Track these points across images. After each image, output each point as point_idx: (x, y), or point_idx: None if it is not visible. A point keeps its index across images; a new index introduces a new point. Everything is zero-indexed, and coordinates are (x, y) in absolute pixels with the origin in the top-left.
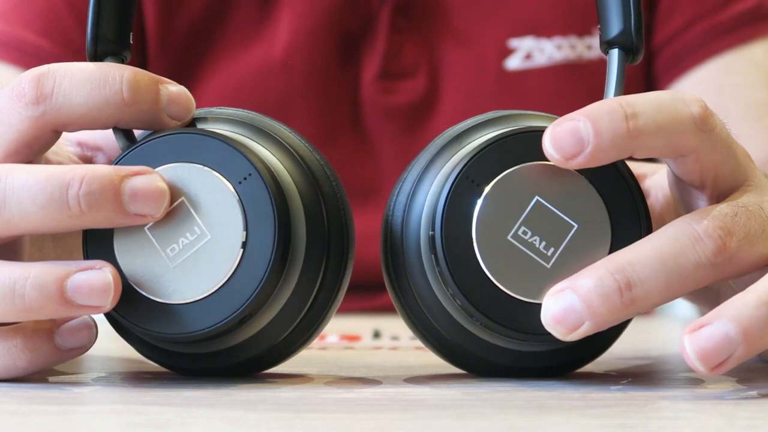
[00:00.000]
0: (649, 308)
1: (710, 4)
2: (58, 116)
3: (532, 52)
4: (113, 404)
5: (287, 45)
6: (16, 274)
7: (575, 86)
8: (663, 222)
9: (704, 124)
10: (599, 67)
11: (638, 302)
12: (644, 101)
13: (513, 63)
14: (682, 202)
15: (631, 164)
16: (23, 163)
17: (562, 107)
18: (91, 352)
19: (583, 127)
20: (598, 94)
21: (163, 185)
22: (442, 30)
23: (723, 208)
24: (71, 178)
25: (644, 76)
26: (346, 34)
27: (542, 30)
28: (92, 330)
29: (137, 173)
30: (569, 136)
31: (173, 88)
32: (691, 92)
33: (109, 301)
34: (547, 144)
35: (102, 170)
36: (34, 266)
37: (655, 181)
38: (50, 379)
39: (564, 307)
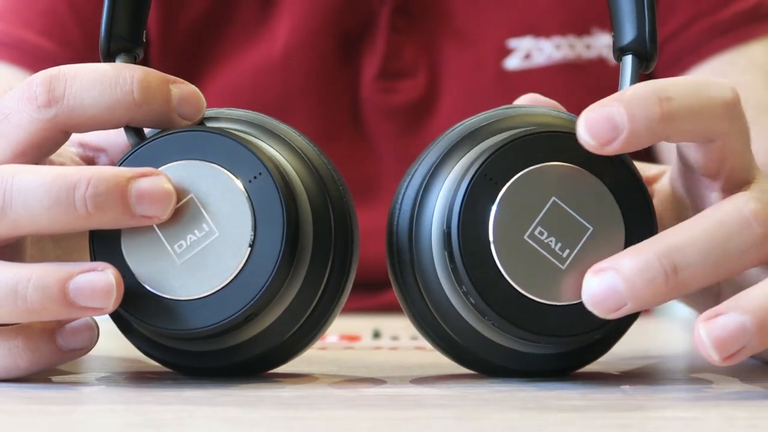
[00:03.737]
0: (693, 291)
1: (709, 3)
2: (70, 118)
3: (531, 51)
4: (112, 404)
5: (287, 44)
6: (18, 275)
7: (574, 86)
8: (660, 223)
9: (734, 110)
10: (598, 67)
11: (682, 286)
12: (678, 85)
13: (512, 63)
14: (687, 195)
15: (644, 166)
16: (30, 165)
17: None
18: (91, 352)
19: (617, 112)
20: (597, 94)
21: (170, 187)
22: (442, 30)
23: (759, 194)
24: (78, 179)
25: (644, 76)
26: (346, 33)
27: (541, 30)
28: (94, 331)
29: (143, 175)
30: (604, 122)
31: (184, 88)
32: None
33: (112, 303)
34: (582, 130)
35: (108, 172)
36: (36, 267)
37: (661, 184)
38: (49, 379)
39: (606, 287)
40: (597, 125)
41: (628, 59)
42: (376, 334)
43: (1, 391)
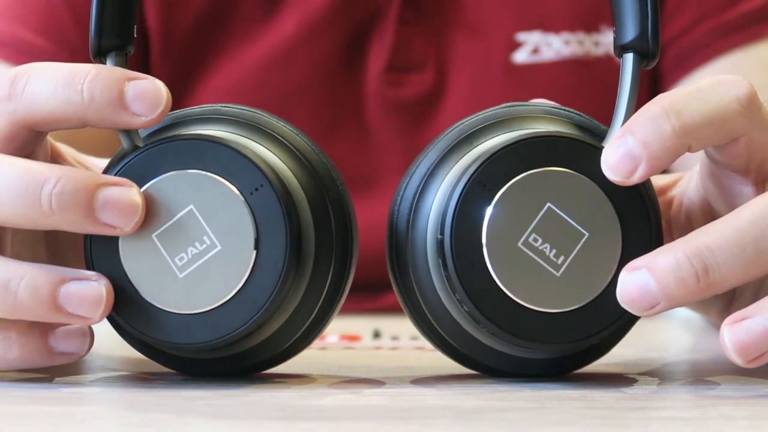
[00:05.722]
0: (725, 290)
1: (716, 3)
2: (27, 114)
3: (539, 46)
4: (113, 404)
5: (291, 39)
6: (11, 271)
7: (582, 82)
8: (690, 227)
9: (751, 104)
10: (606, 64)
11: (715, 286)
12: (686, 95)
13: (520, 57)
14: (720, 194)
15: (654, 177)
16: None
17: (568, 102)
18: (92, 351)
19: (631, 143)
20: (604, 91)
21: (139, 200)
22: (451, 23)
23: None
24: (49, 175)
25: (649, 75)
26: (353, 26)
27: (550, 25)
28: (86, 338)
29: (115, 184)
30: (621, 156)
31: (140, 84)
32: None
33: (99, 315)
34: (605, 168)
35: (81, 174)
36: (32, 267)
37: (680, 189)
38: (50, 379)
39: (639, 286)
40: (616, 161)
41: (629, 57)
42: (376, 334)
43: (2, 390)
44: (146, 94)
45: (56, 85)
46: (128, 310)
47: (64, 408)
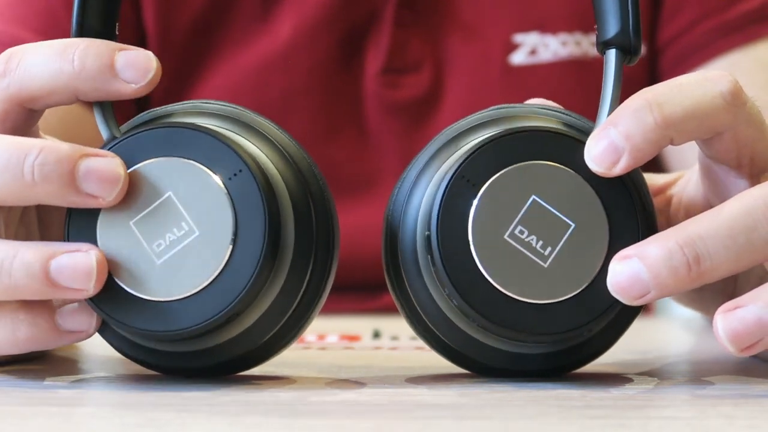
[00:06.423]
0: (716, 279)
1: (716, 3)
2: (20, 88)
3: (536, 47)
4: (113, 404)
5: (289, 41)
6: (4, 251)
7: (579, 83)
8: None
9: (735, 99)
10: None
11: (706, 275)
12: (669, 89)
13: (518, 58)
14: (717, 190)
15: (653, 176)
16: None
17: (566, 103)
18: (91, 351)
19: (614, 134)
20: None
21: (121, 171)
22: (448, 24)
23: None
24: (31, 147)
25: (648, 75)
26: (350, 28)
27: (547, 26)
28: (92, 316)
29: (97, 155)
30: (604, 147)
31: (131, 53)
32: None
33: (92, 285)
34: (588, 160)
35: (63, 145)
36: (22, 245)
37: (679, 188)
38: (50, 379)
39: (630, 275)
40: (599, 152)
41: (612, 53)
42: (376, 334)
43: (2, 390)
44: (137, 62)
45: (48, 57)
46: (105, 298)
47: (63, 408)
